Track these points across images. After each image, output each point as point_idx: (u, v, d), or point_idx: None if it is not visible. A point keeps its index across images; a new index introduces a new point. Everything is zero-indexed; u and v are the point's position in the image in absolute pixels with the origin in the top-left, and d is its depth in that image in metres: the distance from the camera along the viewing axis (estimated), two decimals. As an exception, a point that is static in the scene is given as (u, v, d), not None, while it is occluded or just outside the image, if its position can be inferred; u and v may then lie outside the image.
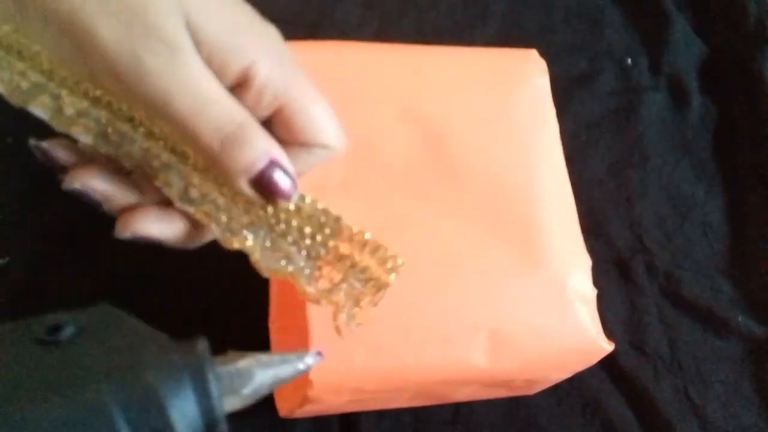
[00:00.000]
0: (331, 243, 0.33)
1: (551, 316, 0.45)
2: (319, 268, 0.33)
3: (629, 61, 0.70)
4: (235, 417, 0.50)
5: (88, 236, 0.51)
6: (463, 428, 0.53)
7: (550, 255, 0.47)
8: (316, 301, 0.33)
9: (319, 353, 0.31)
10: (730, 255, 0.64)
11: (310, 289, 0.33)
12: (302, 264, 0.33)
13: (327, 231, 0.33)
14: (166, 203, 0.33)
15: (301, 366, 0.30)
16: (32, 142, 0.32)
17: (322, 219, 0.33)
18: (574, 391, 0.56)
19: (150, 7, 0.27)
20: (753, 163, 0.67)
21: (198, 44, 0.28)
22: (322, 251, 0.33)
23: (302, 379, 0.40)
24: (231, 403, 0.26)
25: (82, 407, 0.22)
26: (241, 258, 0.49)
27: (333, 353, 0.40)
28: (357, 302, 0.33)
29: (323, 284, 0.33)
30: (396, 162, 0.47)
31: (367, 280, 0.33)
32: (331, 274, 0.33)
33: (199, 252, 0.51)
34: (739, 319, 0.61)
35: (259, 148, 0.29)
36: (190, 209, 0.33)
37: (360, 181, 0.46)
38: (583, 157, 0.65)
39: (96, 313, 0.27)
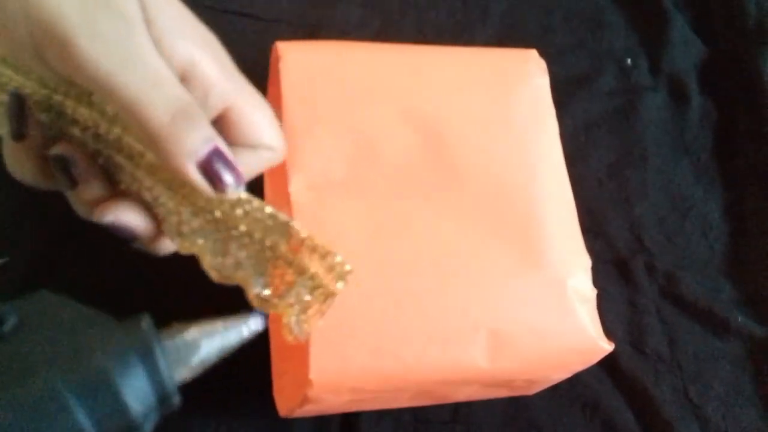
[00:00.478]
0: (281, 248, 0.32)
1: (551, 316, 0.45)
2: (270, 275, 0.33)
3: (629, 61, 0.70)
4: (235, 417, 0.51)
5: (89, 236, 0.51)
6: (463, 428, 0.53)
7: (550, 255, 0.47)
8: (265, 308, 0.33)
9: (262, 315, 0.32)
10: (730, 255, 0.64)
11: (259, 296, 0.33)
12: (251, 270, 0.33)
13: (276, 236, 0.32)
14: None
15: (245, 332, 0.31)
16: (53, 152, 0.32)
17: (270, 223, 0.32)
18: (573, 392, 0.56)
19: None
20: (753, 163, 0.67)
21: (149, 23, 0.28)
22: (271, 256, 0.32)
23: (302, 378, 0.40)
24: (181, 374, 0.27)
25: (35, 396, 0.22)
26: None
27: (333, 353, 0.40)
28: (305, 311, 0.32)
29: (272, 291, 0.33)
30: (396, 162, 0.47)
31: (315, 288, 0.32)
32: (280, 280, 0.33)
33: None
34: (739, 319, 0.61)
35: (207, 131, 0.29)
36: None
37: (360, 181, 0.46)
38: (582, 157, 0.65)
39: (36, 301, 0.27)
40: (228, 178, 0.29)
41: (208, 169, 0.29)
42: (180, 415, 0.49)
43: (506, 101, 0.51)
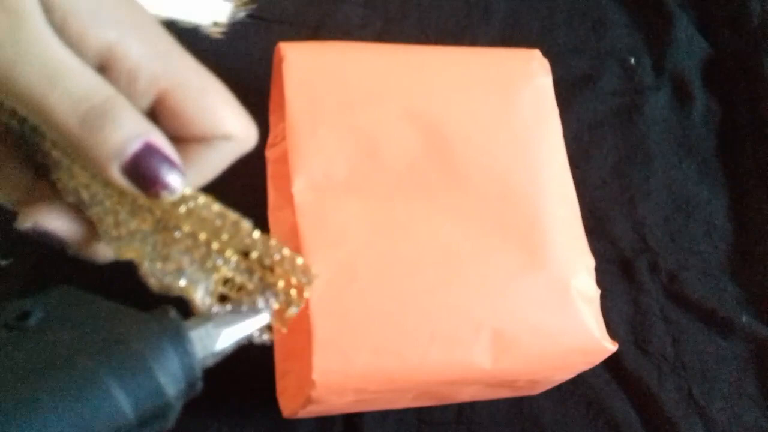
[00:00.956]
0: (229, 253, 0.29)
1: (554, 316, 0.45)
2: (219, 281, 0.30)
3: (632, 60, 0.70)
4: (237, 417, 0.50)
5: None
6: (466, 428, 0.53)
7: (553, 255, 0.47)
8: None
9: (272, 300, 0.30)
10: (734, 255, 0.64)
11: (205, 306, 0.29)
12: (196, 277, 0.29)
13: (225, 237, 0.29)
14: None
15: (260, 322, 0.30)
16: None
17: (218, 223, 0.28)
18: (577, 391, 0.56)
19: None
20: (757, 163, 0.67)
21: (48, 9, 0.24)
22: (220, 262, 0.29)
23: (305, 379, 0.40)
24: (205, 361, 0.27)
25: (77, 381, 0.23)
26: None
27: (336, 353, 0.40)
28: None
29: (222, 301, 0.30)
30: (399, 162, 0.47)
31: (276, 296, 0.29)
32: (231, 289, 0.30)
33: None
34: (743, 319, 0.61)
35: (130, 128, 0.25)
36: (85, 212, 0.30)
37: (363, 181, 0.46)
38: (586, 157, 0.65)
39: (59, 296, 0.27)
40: (166, 178, 0.26)
41: (138, 170, 0.25)
42: (181, 416, 0.49)
43: (509, 101, 0.51)
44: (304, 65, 0.48)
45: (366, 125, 0.47)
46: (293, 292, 0.30)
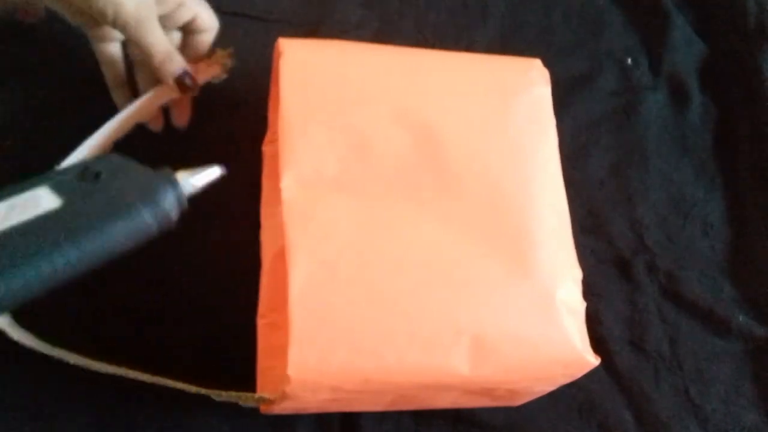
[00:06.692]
0: None
1: (537, 325, 0.45)
2: None
3: (629, 61, 0.70)
4: (236, 416, 0.50)
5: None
6: (464, 430, 0.53)
7: (540, 264, 0.46)
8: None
9: (221, 166, 0.45)
10: (731, 255, 0.64)
11: None
12: None
13: None
14: None
15: (213, 175, 0.45)
16: None
17: None
18: (572, 391, 0.56)
19: None
20: (753, 163, 0.67)
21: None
22: None
23: (281, 375, 0.40)
24: (188, 190, 0.44)
25: (125, 212, 0.40)
26: (233, 255, 0.49)
27: (313, 350, 0.40)
28: None
29: None
30: (390, 163, 0.47)
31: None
32: None
33: (191, 251, 0.51)
34: (740, 318, 0.61)
35: (178, 65, 0.51)
36: None
37: (352, 180, 0.46)
38: (583, 158, 0.65)
39: (111, 159, 0.44)
40: (186, 81, 0.52)
41: (180, 82, 0.52)
42: (181, 415, 0.49)
43: (505, 109, 0.50)
44: (302, 62, 0.48)
45: (359, 125, 0.47)
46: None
